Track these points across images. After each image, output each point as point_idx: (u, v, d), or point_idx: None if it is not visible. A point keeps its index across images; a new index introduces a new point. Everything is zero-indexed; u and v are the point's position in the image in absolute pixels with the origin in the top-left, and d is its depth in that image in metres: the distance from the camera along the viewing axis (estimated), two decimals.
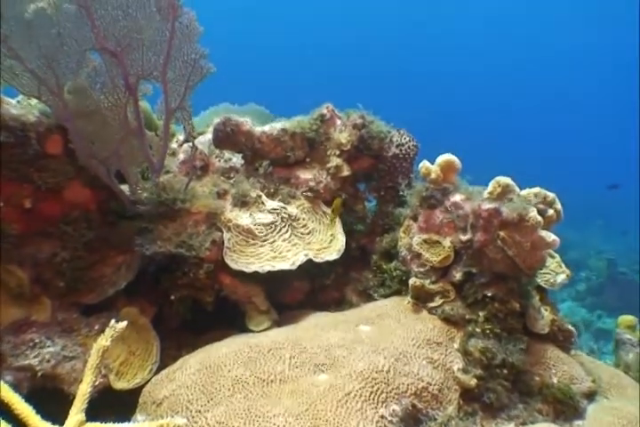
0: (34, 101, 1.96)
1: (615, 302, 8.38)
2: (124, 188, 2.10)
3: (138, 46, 1.88)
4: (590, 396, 1.97)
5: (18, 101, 2.02)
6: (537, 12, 34.21)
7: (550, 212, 2.10)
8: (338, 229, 2.35)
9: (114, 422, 1.25)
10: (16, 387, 1.45)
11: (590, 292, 9.18)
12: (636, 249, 11.50)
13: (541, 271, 2.19)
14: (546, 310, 2.13)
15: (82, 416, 1.30)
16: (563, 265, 2.33)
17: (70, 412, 1.30)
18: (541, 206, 2.10)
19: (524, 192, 2.12)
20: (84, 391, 1.36)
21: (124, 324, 1.45)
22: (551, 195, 2.19)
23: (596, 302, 8.84)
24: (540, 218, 1.88)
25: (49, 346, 1.85)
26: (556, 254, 2.34)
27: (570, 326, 2.16)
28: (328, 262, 2.24)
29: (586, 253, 10.16)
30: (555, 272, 2.29)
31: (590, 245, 10.85)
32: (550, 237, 1.90)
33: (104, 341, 1.42)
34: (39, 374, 1.79)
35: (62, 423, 1.27)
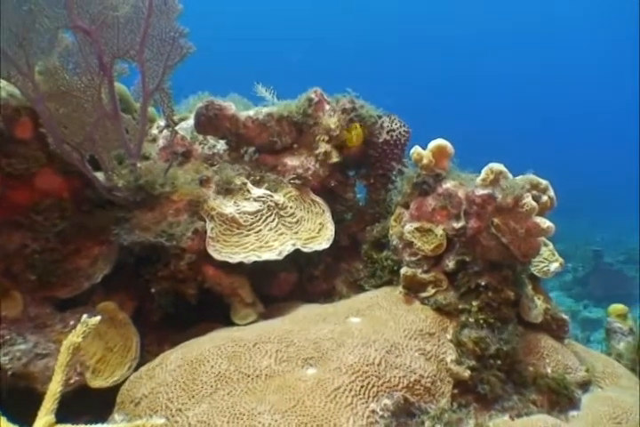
0: (3, 83, 1.85)
1: (601, 291, 8.49)
2: (100, 175, 2.00)
3: (113, 24, 1.79)
4: (585, 385, 1.95)
5: None
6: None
7: (544, 198, 2.04)
8: (327, 217, 2.27)
9: (88, 423, 1.18)
10: None
11: (577, 282, 9.31)
12: (621, 240, 11.69)
13: (535, 260, 2.15)
14: (539, 298, 2.11)
15: (51, 418, 1.22)
16: (556, 253, 2.30)
17: (39, 413, 1.23)
18: (535, 193, 2.05)
19: (516, 179, 2.07)
20: (53, 391, 1.29)
21: (97, 319, 1.39)
22: (544, 182, 2.14)
23: (582, 292, 8.97)
24: (535, 204, 1.83)
25: (20, 343, 1.77)
26: (550, 243, 2.30)
27: (563, 315, 2.12)
28: (317, 252, 2.17)
29: (573, 244, 10.25)
30: (548, 261, 2.25)
31: (579, 236, 10.95)
32: (545, 223, 1.85)
33: (75, 337, 1.36)
34: (9, 372, 1.71)
35: (31, 425, 1.19)
